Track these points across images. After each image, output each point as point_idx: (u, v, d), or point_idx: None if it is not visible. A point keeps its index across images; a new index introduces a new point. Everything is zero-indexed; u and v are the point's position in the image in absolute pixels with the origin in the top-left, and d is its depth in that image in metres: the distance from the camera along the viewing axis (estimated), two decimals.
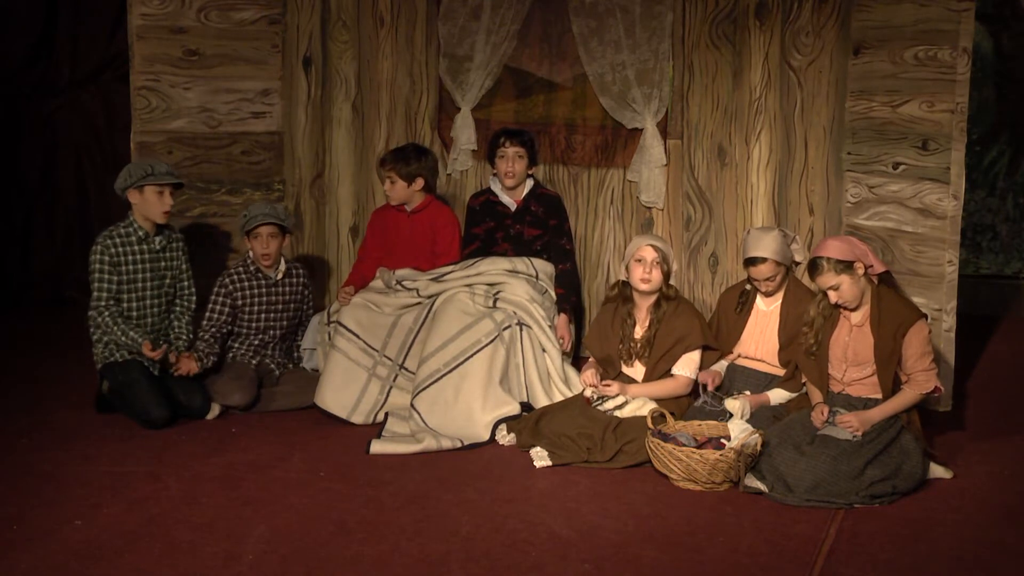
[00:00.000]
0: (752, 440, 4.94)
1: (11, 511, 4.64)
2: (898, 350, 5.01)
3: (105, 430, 5.60)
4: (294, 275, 6.27)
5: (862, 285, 5.06)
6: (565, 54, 6.85)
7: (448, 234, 6.27)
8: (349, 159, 7.24)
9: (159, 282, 5.92)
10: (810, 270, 5.09)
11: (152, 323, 5.90)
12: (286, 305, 6.23)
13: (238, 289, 6.07)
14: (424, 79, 7.11)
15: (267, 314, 6.16)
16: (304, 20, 7.09)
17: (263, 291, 6.13)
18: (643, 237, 5.67)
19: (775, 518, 4.68)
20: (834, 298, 5.05)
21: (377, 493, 4.89)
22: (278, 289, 6.17)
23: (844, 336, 5.11)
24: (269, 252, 6.05)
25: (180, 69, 6.71)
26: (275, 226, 6.05)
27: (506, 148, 6.22)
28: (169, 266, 5.96)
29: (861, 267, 5.03)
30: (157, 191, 5.77)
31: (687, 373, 5.52)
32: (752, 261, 5.41)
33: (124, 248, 5.80)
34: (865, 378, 5.08)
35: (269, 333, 6.18)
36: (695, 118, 6.67)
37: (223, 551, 4.32)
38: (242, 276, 6.10)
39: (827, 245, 5.06)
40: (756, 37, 6.49)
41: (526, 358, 5.83)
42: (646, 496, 4.92)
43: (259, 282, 6.12)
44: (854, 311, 5.10)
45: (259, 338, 6.16)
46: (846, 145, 6.30)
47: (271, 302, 6.16)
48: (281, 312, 6.21)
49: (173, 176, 5.84)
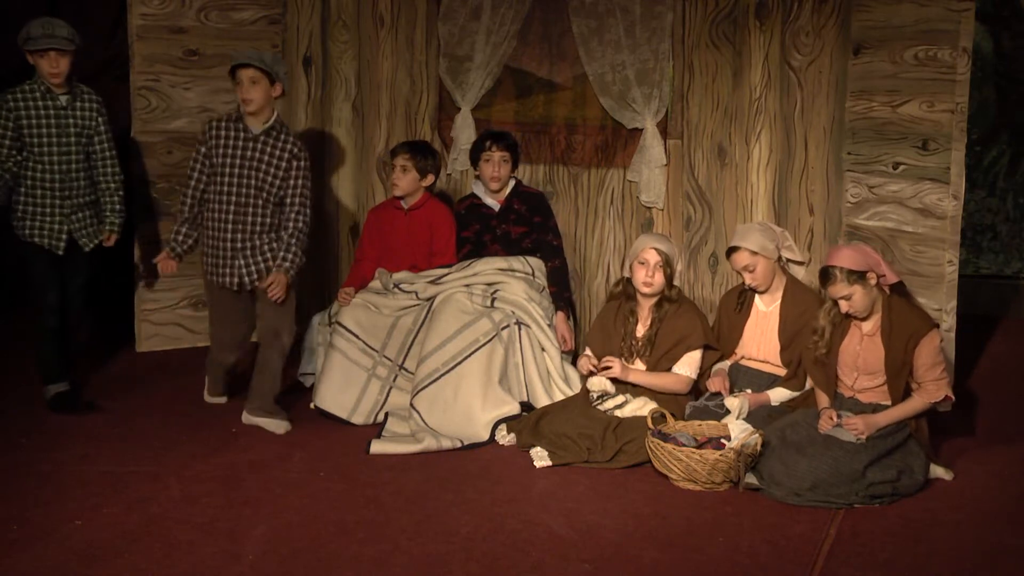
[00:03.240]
0: (752, 440, 4.94)
1: (11, 511, 4.64)
2: (909, 361, 4.98)
3: (105, 430, 5.60)
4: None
5: (874, 295, 5.02)
6: (565, 54, 6.85)
7: (445, 232, 6.27)
8: (349, 159, 7.24)
9: (66, 139, 5.71)
10: (822, 279, 5.06)
11: (60, 183, 5.72)
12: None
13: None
14: (424, 79, 7.11)
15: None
16: (304, 20, 7.10)
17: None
18: (648, 238, 5.66)
19: (775, 518, 4.68)
20: (845, 308, 5.02)
21: (377, 493, 4.90)
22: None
23: (855, 345, 5.09)
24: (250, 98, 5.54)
25: (180, 69, 6.72)
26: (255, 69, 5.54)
27: (492, 152, 6.23)
28: (78, 124, 5.75)
29: (874, 277, 5.00)
30: (40, 55, 5.58)
31: (688, 372, 5.52)
32: (729, 252, 5.48)
33: (24, 103, 5.64)
34: (876, 386, 5.06)
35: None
36: (695, 118, 6.67)
37: (223, 551, 4.32)
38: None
39: (840, 254, 5.01)
40: (756, 37, 6.49)
41: (525, 357, 5.83)
42: (646, 496, 4.92)
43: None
44: (865, 320, 5.08)
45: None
46: (846, 145, 6.30)
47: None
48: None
49: (51, 41, 5.54)
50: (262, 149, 5.59)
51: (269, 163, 5.59)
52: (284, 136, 5.63)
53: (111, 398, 6.05)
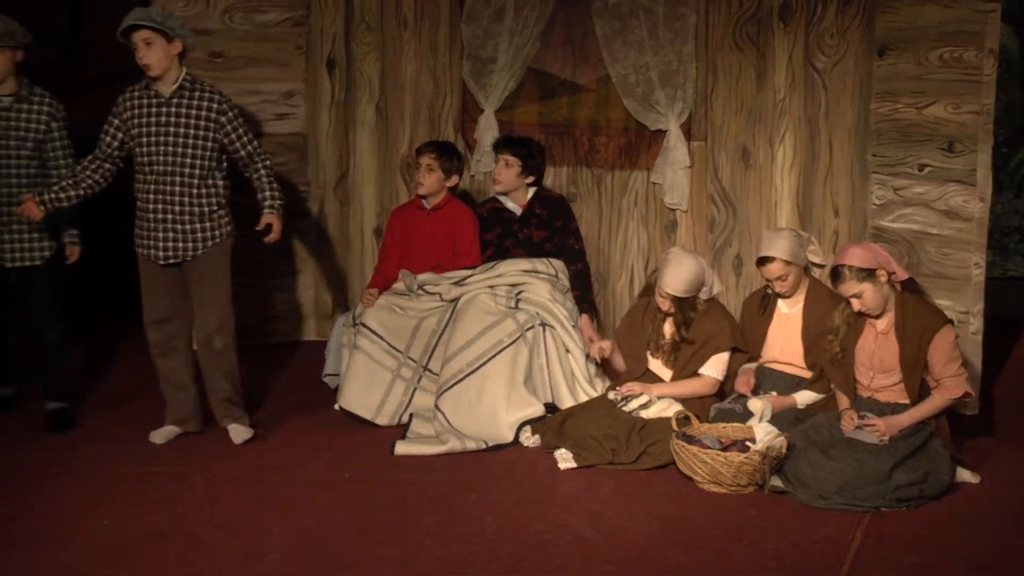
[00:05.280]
0: (777, 443, 4.93)
1: (38, 509, 4.68)
2: (923, 357, 4.97)
3: (130, 430, 5.61)
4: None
5: (885, 293, 5.02)
6: (588, 56, 6.84)
7: (468, 233, 6.27)
8: (373, 161, 7.26)
9: (4, 142, 5.44)
10: (832, 278, 5.07)
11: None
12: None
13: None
14: (447, 81, 7.11)
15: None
16: (328, 22, 7.11)
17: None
18: (668, 274, 5.47)
19: (801, 521, 4.66)
20: (857, 306, 5.02)
21: (401, 494, 4.90)
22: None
23: (870, 343, 5.08)
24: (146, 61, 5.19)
25: (204, 71, 6.72)
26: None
27: (499, 155, 6.26)
28: (19, 128, 5.48)
29: (884, 274, 4.99)
30: None
31: (714, 374, 5.51)
32: (762, 260, 5.43)
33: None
34: (893, 384, 5.04)
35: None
36: (719, 120, 6.66)
37: (248, 551, 4.34)
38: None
39: (848, 253, 5.03)
40: (780, 39, 6.47)
41: (550, 358, 5.82)
42: (671, 498, 4.91)
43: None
44: (878, 318, 5.07)
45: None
46: (871, 147, 6.28)
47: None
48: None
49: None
50: (176, 112, 5.24)
51: (187, 124, 5.24)
52: (199, 93, 5.28)
53: (135, 398, 6.07)
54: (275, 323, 7.31)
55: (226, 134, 5.31)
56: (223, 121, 5.29)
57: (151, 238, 5.33)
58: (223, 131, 5.31)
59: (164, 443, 5.45)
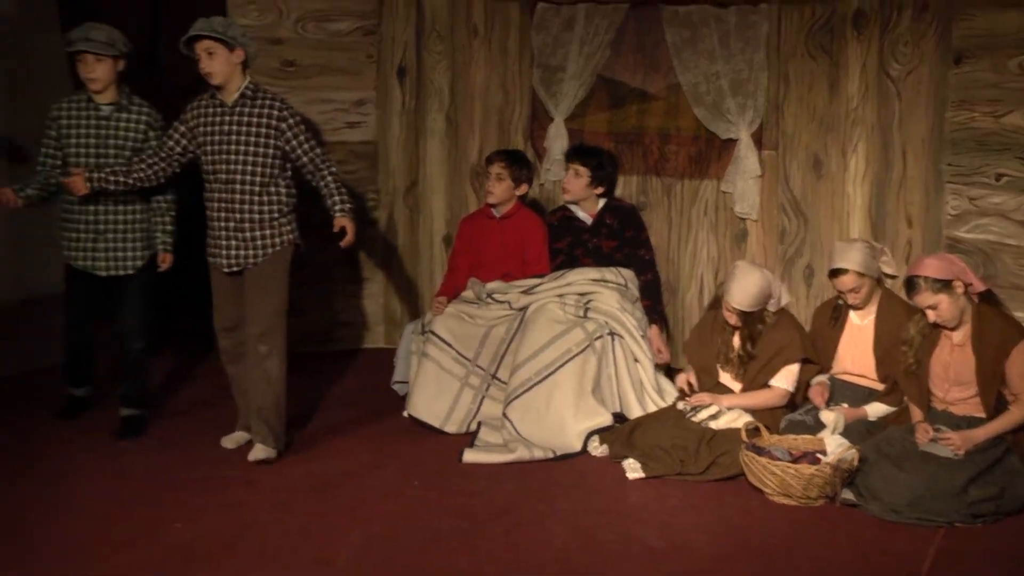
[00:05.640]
0: (849, 455, 4.87)
1: (114, 512, 4.75)
2: (1000, 370, 4.89)
3: (201, 436, 5.67)
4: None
5: (962, 304, 4.95)
6: (659, 64, 6.82)
7: (538, 242, 6.27)
8: (442, 169, 7.28)
9: (103, 150, 5.53)
10: (907, 289, 5.01)
11: (93, 198, 5.51)
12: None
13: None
14: (517, 89, 7.12)
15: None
16: (399, 31, 7.16)
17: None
18: (733, 288, 5.45)
19: (873, 535, 4.61)
20: (932, 317, 4.96)
21: (470, 502, 4.91)
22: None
23: (945, 355, 5.01)
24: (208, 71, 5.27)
25: (277, 80, 6.80)
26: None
27: (570, 164, 6.26)
28: (117, 136, 5.55)
29: (960, 286, 4.93)
30: (77, 58, 5.49)
31: (784, 385, 5.46)
32: (835, 272, 5.38)
33: (69, 111, 5.55)
34: (968, 398, 4.97)
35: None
36: (790, 128, 6.60)
37: (317, 558, 4.37)
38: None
39: (924, 264, 4.97)
40: (853, 47, 6.39)
41: (618, 368, 5.81)
42: (740, 510, 4.88)
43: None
44: (954, 330, 5.00)
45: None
46: (946, 156, 6.18)
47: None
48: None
49: (86, 43, 5.41)
50: (238, 120, 5.28)
51: (248, 132, 5.27)
52: (261, 101, 5.30)
53: (209, 405, 6.13)
54: (344, 330, 7.36)
55: (287, 141, 5.31)
56: (284, 128, 5.29)
57: (216, 246, 5.37)
58: (284, 138, 5.30)
59: (235, 448, 5.50)
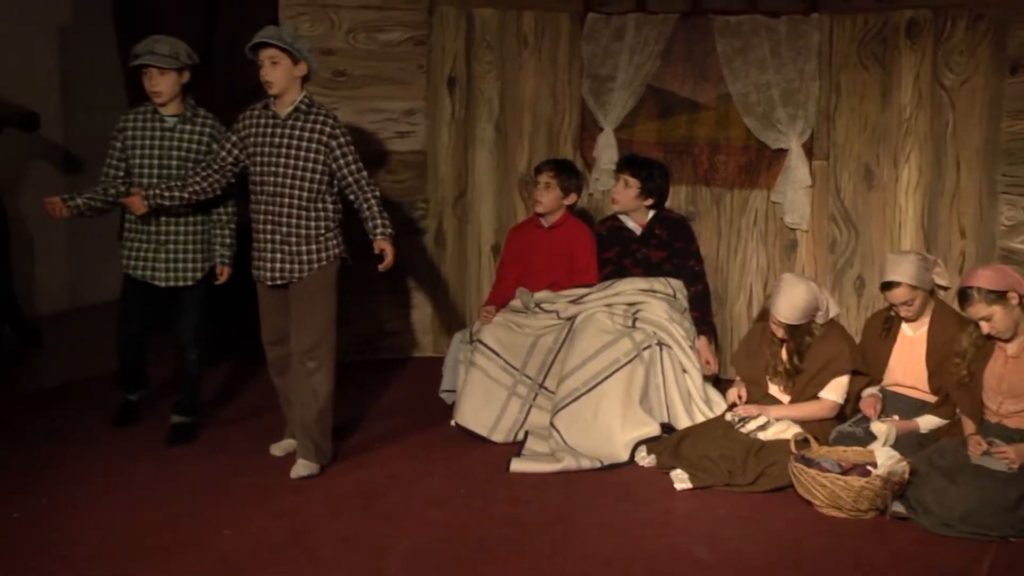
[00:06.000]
0: (900, 468, 4.82)
1: (164, 518, 4.78)
2: None
3: (250, 444, 5.70)
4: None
5: (1016, 316, 4.90)
6: (709, 74, 6.80)
7: (587, 252, 6.26)
8: (491, 178, 7.30)
9: (167, 162, 5.56)
10: (960, 300, 4.96)
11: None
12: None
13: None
14: (567, 99, 7.13)
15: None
16: (449, 41, 7.19)
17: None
18: (779, 302, 5.39)
19: (923, 549, 4.56)
20: (986, 329, 4.91)
21: (517, 511, 4.91)
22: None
23: (999, 367, 4.95)
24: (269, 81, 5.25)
25: (328, 89, 6.85)
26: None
27: (620, 174, 6.24)
28: (180, 147, 5.57)
29: (1015, 297, 4.87)
30: (142, 71, 5.53)
31: (834, 397, 5.41)
32: (887, 285, 5.33)
33: (135, 123, 5.59)
34: (1022, 410, 4.91)
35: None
36: (841, 139, 6.56)
37: (366, 566, 4.37)
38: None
39: (977, 275, 4.92)
40: (907, 56, 6.35)
41: (666, 378, 5.78)
42: (788, 522, 4.84)
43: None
44: (1008, 342, 4.94)
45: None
46: (1000, 166, 6.12)
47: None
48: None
49: (151, 57, 5.45)
50: (289, 134, 5.25)
51: (299, 146, 5.24)
52: (314, 116, 5.27)
53: (259, 415, 6.15)
54: (392, 339, 7.39)
55: (335, 159, 5.28)
56: (333, 145, 5.26)
57: (262, 259, 5.37)
58: (332, 155, 5.27)
59: (283, 455, 5.53)
